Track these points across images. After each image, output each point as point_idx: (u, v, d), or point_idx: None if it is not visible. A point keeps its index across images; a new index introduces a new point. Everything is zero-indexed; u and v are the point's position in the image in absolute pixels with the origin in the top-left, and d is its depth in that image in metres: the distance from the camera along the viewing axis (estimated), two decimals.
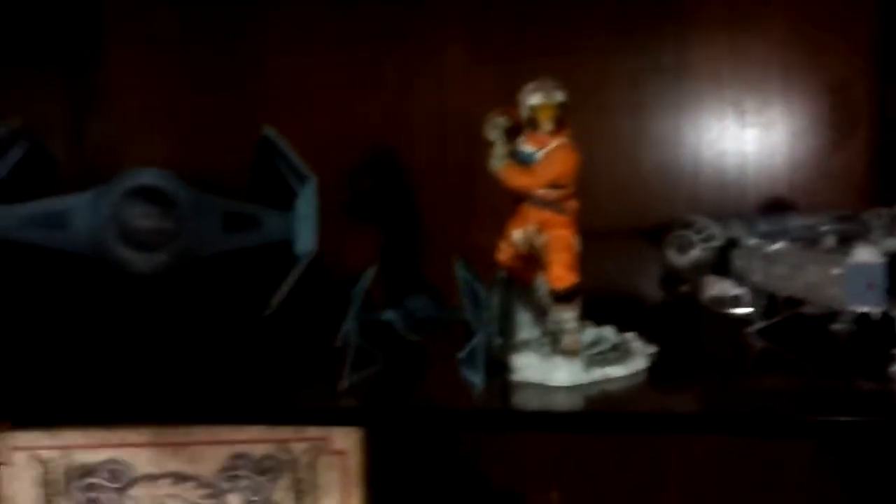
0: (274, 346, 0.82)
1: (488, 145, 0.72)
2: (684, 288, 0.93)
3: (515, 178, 0.70)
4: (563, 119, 0.69)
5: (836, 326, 0.84)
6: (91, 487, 0.69)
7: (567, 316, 0.72)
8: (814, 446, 0.99)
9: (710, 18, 0.97)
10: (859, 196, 0.96)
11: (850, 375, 0.75)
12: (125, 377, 0.73)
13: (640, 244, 0.99)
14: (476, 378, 0.69)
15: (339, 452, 0.70)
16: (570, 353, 0.71)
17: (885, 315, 0.70)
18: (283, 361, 0.79)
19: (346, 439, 0.70)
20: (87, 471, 0.70)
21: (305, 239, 0.73)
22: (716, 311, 0.87)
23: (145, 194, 0.72)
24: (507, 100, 0.76)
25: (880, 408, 0.67)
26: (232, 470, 0.70)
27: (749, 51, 0.97)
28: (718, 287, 0.87)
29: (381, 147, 1.01)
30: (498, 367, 0.73)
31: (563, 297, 0.71)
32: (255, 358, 0.80)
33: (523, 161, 0.71)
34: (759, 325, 0.85)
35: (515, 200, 0.74)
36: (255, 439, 0.70)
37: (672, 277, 0.95)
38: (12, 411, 0.69)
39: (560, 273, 0.70)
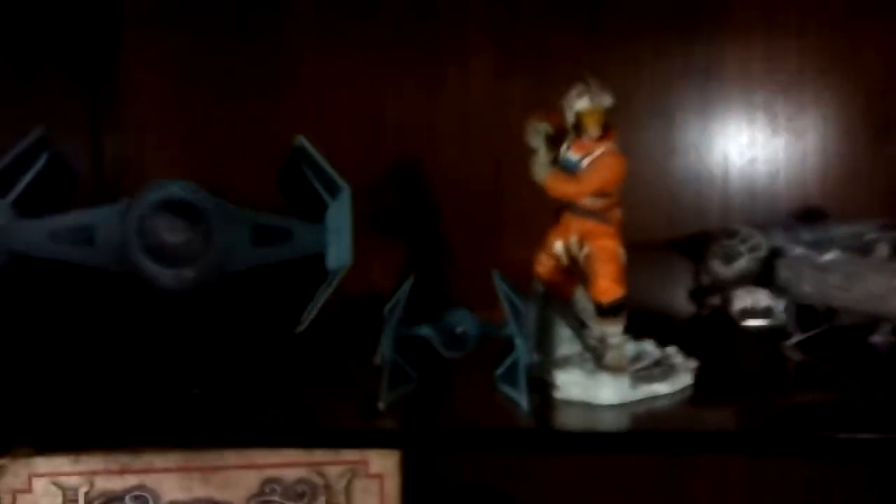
0: (306, 365, 0.79)
1: (529, 152, 0.70)
2: (715, 301, 0.91)
3: (560, 187, 0.68)
4: (610, 124, 0.67)
5: (876, 338, 0.82)
6: None
7: (612, 330, 0.69)
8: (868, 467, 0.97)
9: (743, 20, 0.95)
10: (894, 205, 0.94)
11: (893, 389, 0.72)
12: (152, 398, 0.70)
13: (669, 255, 0.97)
14: (519, 396, 0.67)
15: (377, 476, 0.67)
16: (615, 369, 0.69)
17: None
18: (316, 380, 0.77)
19: (383, 462, 0.67)
20: (111, 498, 0.67)
21: (339, 252, 0.71)
22: (747, 324, 0.85)
23: (172, 207, 0.69)
24: (535, 106, 0.74)
25: None
26: (264, 495, 0.67)
27: (783, 54, 0.95)
28: (750, 298, 0.85)
29: (407, 158, 0.99)
30: (537, 385, 0.70)
31: (608, 311, 0.68)
32: (287, 377, 0.77)
33: (568, 168, 0.68)
34: (797, 338, 0.82)
35: (555, 210, 0.72)
36: (288, 463, 0.67)
37: (703, 290, 0.93)
38: (33, 436, 0.66)
39: (606, 285, 0.68)
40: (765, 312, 0.84)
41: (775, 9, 0.95)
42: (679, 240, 0.97)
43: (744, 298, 0.85)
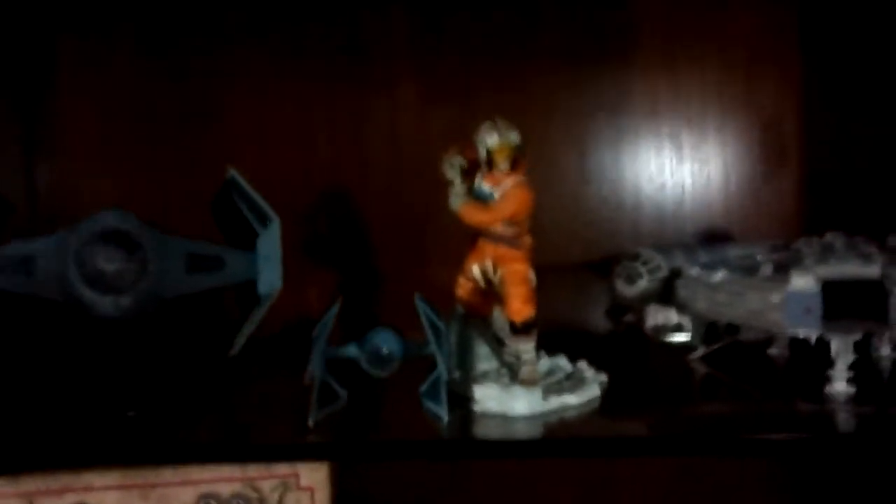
0: (240, 386, 0.83)
1: (447, 184, 0.75)
2: (629, 318, 0.96)
3: (474, 216, 0.73)
4: (518, 158, 0.73)
5: (773, 351, 0.89)
6: None
7: (525, 347, 0.74)
8: (762, 468, 1.04)
9: (649, 58, 1.02)
10: (789, 226, 1.01)
11: (789, 397, 0.79)
12: (90, 420, 0.73)
13: (586, 276, 1.03)
14: (440, 410, 0.72)
15: (308, 488, 0.71)
16: (529, 383, 0.74)
17: (819, 339, 0.74)
18: (248, 400, 0.80)
19: (313, 475, 0.71)
20: None
21: (269, 279, 0.75)
22: (659, 340, 0.90)
23: (109, 237, 0.73)
24: (459, 136, 0.79)
25: (819, 425, 0.71)
26: None
27: (686, 88, 1.03)
28: (661, 316, 0.90)
29: (336, 186, 1.03)
30: (458, 400, 0.75)
31: (521, 330, 0.74)
32: (221, 398, 0.81)
33: (481, 199, 0.74)
34: (701, 351, 0.88)
35: (473, 237, 0.77)
36: (224, 478, 0.71)
37: (619, 308, 0.99)
38: None
39: (518, 306, 0.73)
40: (676, 328, 0.90)
41: (677, 49, 1.02)
42: (594, 261, 1.02)
43: (655, 316, 0.90)
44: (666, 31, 1.02)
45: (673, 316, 0.89)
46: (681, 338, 0.89)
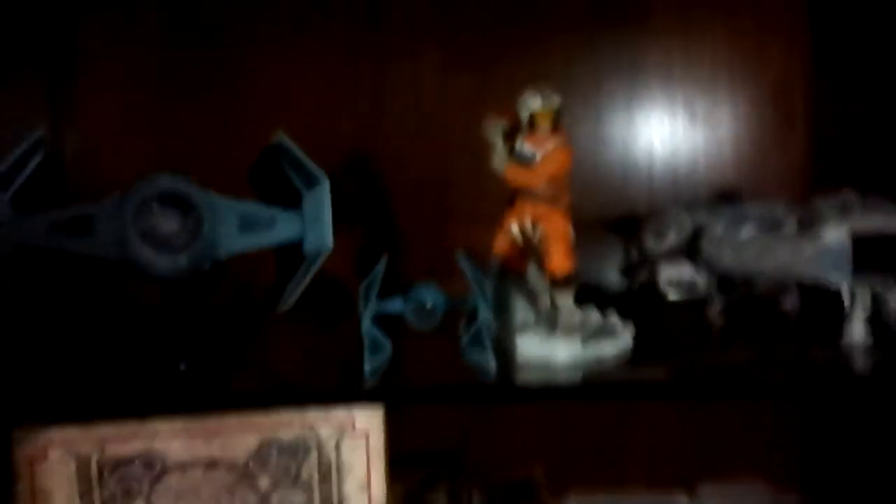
0: (289, 340, 0.87)
1: (490, 147, 0.79)
2: (643, 275, 1.01)
3: (518, 176, 0.78)
4: (559, 122, 0.77)
5: (785, 304, 0.94)
6: (125, 478, 0.73)
7: (565, 299, 0.79)
8: (771, 416, 1.09)
9: (663, 25, 1.06)
10: (797, 187, 1.06)
11: (804, 345, 0.84)
12: (153, 372, 0.77)
13: (602, 236, 1.07)
14: (486, 358, 0.76)
15: (363, 432, 0.75)
16: (569, 332, 0.78)
17: (832, 293, 0.79)
18: (297, 354, 0.85)
19: (368, 420, 0.75)
20: (121, 462, 0.73)
21: (317, 239, 0.78)
22: (673, 296, 0.95)
23: (166, 198, 0.76)
24: (479, 103, 0.83)
25: (833, 370, 0.77)
26: (262, 454, 0.75)
27: (699, 55, 1.07)
28: (675, 272, 0.94)
29: (359, 152, 1.06)
30: (499, 351, 0.79)
31: (561, 283, 0.78)
32: (277, 350, 0.85)
33: (524, 160, 0.78)
34: (718, 305, 0.93)
35: (511, 196, 0.81)
36: (284, 424, 0.75)
37: (633, 266, 1.03)
38: (48, 408, 0.72)
39: (559, 260, 0.78)
40: (689, 284, 0.94)
41: (691, 17, 1.06)
42: (609, 222, 1.07)
43: (670, 271, 0.95)
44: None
45: (686, 272, 0.94)
46: (693, 293, 0.94)
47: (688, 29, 1.06)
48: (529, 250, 0.81)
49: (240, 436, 0.74)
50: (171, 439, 0.73)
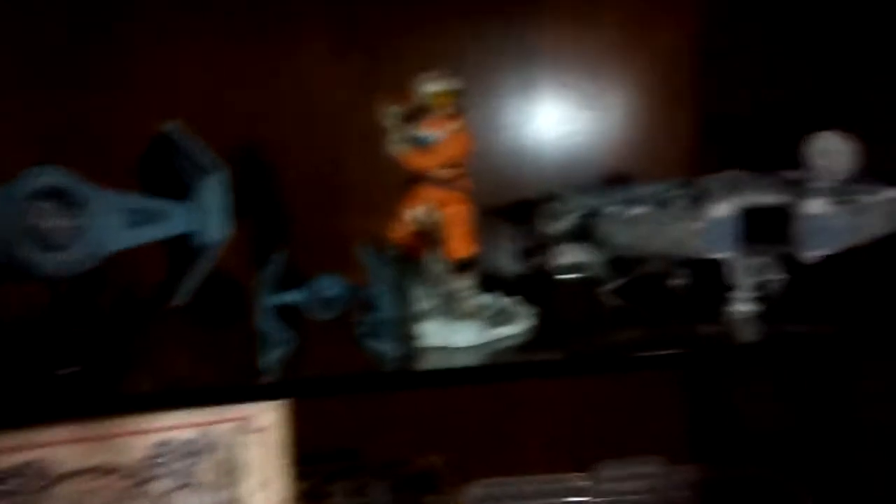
0: (179, 336, 0.84)
1: (384, 132, 0.78)
2: (537, 259, 1.01)
3: (415, 160, 0.77)
4: (460, 105, 0.76)
5: (675, 281, 0.96)
6: (14, 490, 0.70)
7: (465, 284, 0.79)
8: (663, 392, 1.12)
9: (553, 7, 1.06)
10: (685, 167, 1.08)
11: (690, 319, 0.86)
12: (36, 378, 0.74)
13: (495, 221, 1.07)
14: (385, 347, 0.75)
15: (262, 429, 0.73)
16: (469, 316, 0.78)
17: (720, 264, 0.82)
18: (192, 350, 0.82)
19: (266, 416, 0.73)
20: (8, 474, 0.70)
21: (213, 229, 0.76)
22: (566, 278, 0.96)
23: (46, 194, 0.72)
24: (368, 88, 0.81)
25: (716, 341, 0.80)
26: (157, 458, 0.72)
27: (589, 38, 1.08)
28: (568, 255, 0.96)
29: (249, 141, 1.04)
30: (399, 338, 0.79)
31: (461, 267, 0.78)
32: (170, 349, 0.82)
33: (421, 144, 0.77)
34: (611, 285, 0.95)
35: (407, 181, 0.80)
36: (177, 426, 0.72)
37: (528, 250, 1.04)
38: None
39: (459, 245, 0.78)
40: (582, 266, 0.95)
41: (580, 2, 1.07)
42: (503, 207, 1.07)
43: (563, 254, 0.96)
44: None
45: (578, 254, 0.95)
46: (584, 275, 0.95)
47: (578, 12, 1.07)
48: (428, 236, 0.80)
49: (133, 439, 0.72)
50: (60, 447, 0.70)
